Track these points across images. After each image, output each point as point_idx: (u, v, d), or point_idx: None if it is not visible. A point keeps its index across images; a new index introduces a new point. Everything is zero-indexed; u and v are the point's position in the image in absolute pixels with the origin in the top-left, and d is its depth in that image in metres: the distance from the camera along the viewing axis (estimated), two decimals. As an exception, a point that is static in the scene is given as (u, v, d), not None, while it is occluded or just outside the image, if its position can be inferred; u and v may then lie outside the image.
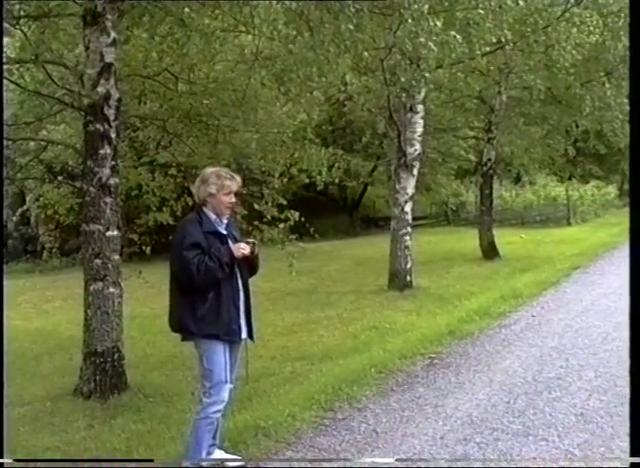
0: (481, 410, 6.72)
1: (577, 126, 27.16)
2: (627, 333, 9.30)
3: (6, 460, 4.93)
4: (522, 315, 11.00)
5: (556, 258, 16.78)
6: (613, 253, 18.35)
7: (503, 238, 19.29)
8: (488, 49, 12.57)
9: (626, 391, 6.97)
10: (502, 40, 12.69)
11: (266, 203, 11.39)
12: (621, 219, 27.62)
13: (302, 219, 11.23)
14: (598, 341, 9.19)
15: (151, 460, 5.59)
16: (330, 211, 28.38)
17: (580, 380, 7.52)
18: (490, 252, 17.76)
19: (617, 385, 7.30)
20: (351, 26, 8.58)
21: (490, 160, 18.38)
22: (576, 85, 17.14)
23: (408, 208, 14.24)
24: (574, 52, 14.60)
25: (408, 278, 13.99)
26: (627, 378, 7.36)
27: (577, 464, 5.36)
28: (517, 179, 31.07)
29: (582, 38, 14.81)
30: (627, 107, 29.78)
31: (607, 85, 17.89)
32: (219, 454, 5.58)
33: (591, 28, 14.86)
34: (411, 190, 14.28)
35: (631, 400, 4.53)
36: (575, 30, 14.63)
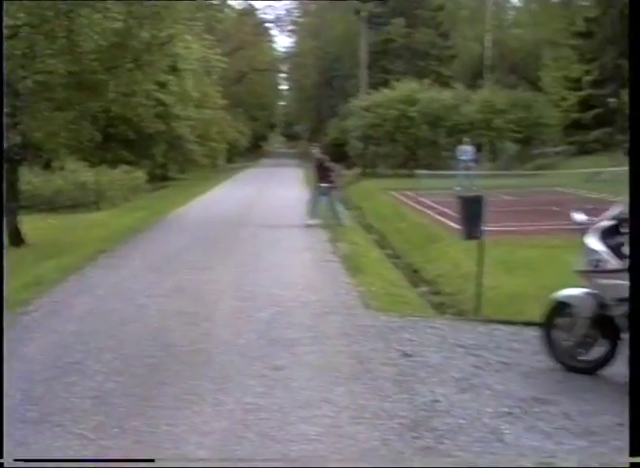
0: (-3, 401, 6.53)
1: (106, 111, 27.30)
2: (144, 315, 9.51)
3: (6, 460, 5.03)
4: (44, 301, 10.79)
5: (84, 243, 16.71)
6: (139, 236, 18.76)
7: (31, 224, 18.82)
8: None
9: (141, 371, 7.25)
10: (19, 23, 12.44)
11: None
12: (150, 203, 28.39)
13: None
14: (117, 324, 9.35)
15: (152, 460, 5.34)
16: None
17: (97, 363, 7.59)
18: (16, 238, 17.25)
19: (132, 366, 7.49)
20: None
21: (15, 146, 17.83)
22: (101, 70, 17.23)
23: None
24: (96, 37, 14.71)
25: None
26: (143, 359, 7.64)
27: (576, 465, 5.38)
28: (47, 165, 30.57)
29: (106, 24, 14.97)
30: (155, 93, 30.64)
31: (134, 71, 18.24)
32: None
33: (114, 14, 15.07)
34: None
35: (631, 400, 4.65)
36: (98, 16, 14.73)
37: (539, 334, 7.66)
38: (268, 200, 29.54)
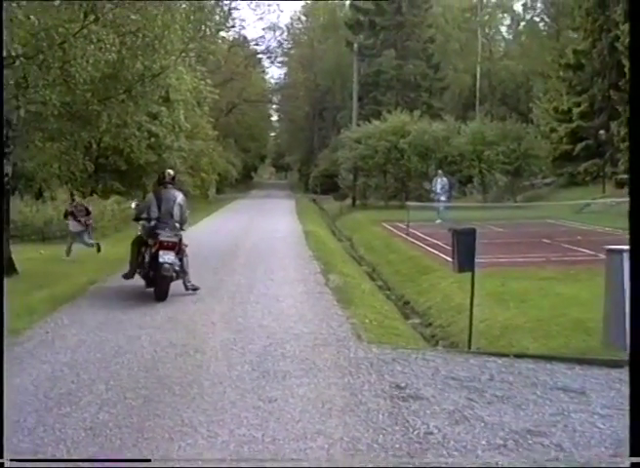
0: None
1: (98, 142, 27.40)
2: (137, 346, 9.48)
3: (5, 460, 5.16)
4: (35, 332, 10.75)
5: (74, 273, 16.66)
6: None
7: (23, 254, 18.82)
8: None
9: (135, 403, 7.22)
10: (14, 54, 12.47)
11: None
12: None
13: None
14: (110, 355, 9.31)
15: (148, 460, 5.55)
16: None
17: (90, 394, 7.56)
18: (8, 268, 17.24)
19: (126, 397, 7.45)
20: None
21: (7, 175, 17.86)
22: (94, 101, 17.30)
23: None
24: (90, 68, 14.78)
25: None
26: (136, 390, 7.60)
27: (575, 464, 5.42)
28: (39, 195, 30.65)
29: (99, 55, 15.04)
30: (146, 124, 30.81)
31: (126, 102, 18.30)
32: None
33: (108, 46, 15.14)
34: None
35: (631, 400, 4.65)
36: (92, 47, 14.81)
37: None
38: (261, 231, 29.55)
